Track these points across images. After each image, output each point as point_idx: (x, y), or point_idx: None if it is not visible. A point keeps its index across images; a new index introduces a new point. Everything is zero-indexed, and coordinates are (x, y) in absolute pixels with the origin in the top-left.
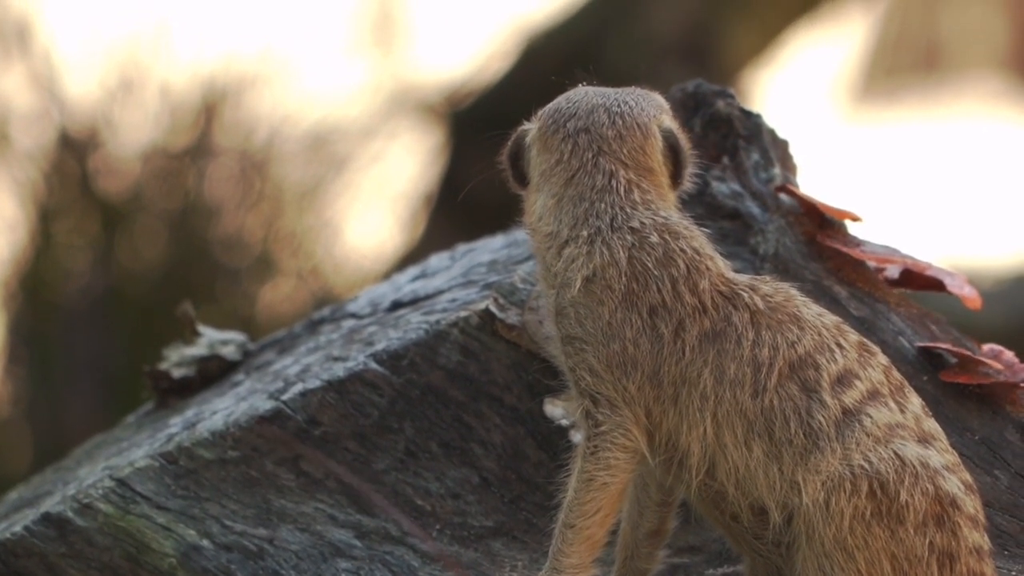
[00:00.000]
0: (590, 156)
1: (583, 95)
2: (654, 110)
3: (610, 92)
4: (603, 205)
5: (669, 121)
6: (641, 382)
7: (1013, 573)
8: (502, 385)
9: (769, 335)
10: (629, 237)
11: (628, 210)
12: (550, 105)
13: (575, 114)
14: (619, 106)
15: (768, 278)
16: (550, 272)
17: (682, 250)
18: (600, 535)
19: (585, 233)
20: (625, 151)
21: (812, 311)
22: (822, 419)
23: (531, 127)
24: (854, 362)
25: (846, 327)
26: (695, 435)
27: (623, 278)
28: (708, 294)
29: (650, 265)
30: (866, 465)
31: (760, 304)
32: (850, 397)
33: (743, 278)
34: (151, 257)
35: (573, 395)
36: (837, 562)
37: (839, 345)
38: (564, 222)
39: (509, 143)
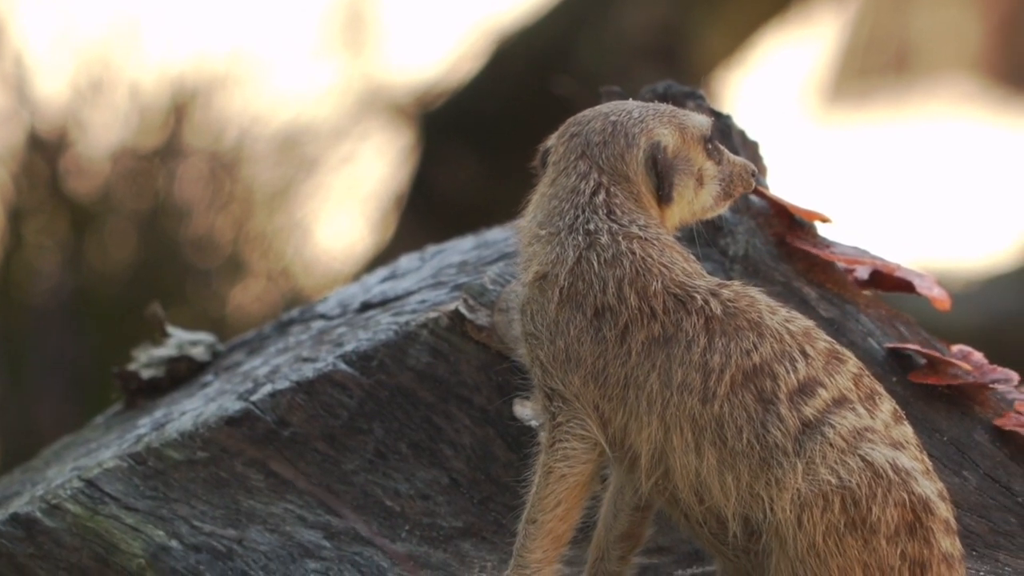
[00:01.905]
0: (573, 158)
1: (607, 105)
2: (656, 123)
3: (632, 104)
4: (567, 206)
5: (674, 139)
6: (585, 379)
7: (981, 574)
8: (471, 386)
9: (723, 342)
10: (582, 239)
11: (588, 213)
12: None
13: (583, 120)
14: (619, 115)
15: (736, 283)
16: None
17: (632, 252)
18: (562, 530)
19: (545, 232)
20: (604, 156)
21: (777, 318)
22: (778, 433)
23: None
24: (819, 370)
25: (817, 333)
26: (644, 436)
27: (570, 277)
28: (659, 297)
29: (596, 266)
30: (834, 480)
31: (718, 310)
32: (812, 407)
33: (707, 282)
34: (121, 258)
35: (535, 392)
36: (810, 567)
37: (803, 353)
38: (537, 219)
39: (540, 149)
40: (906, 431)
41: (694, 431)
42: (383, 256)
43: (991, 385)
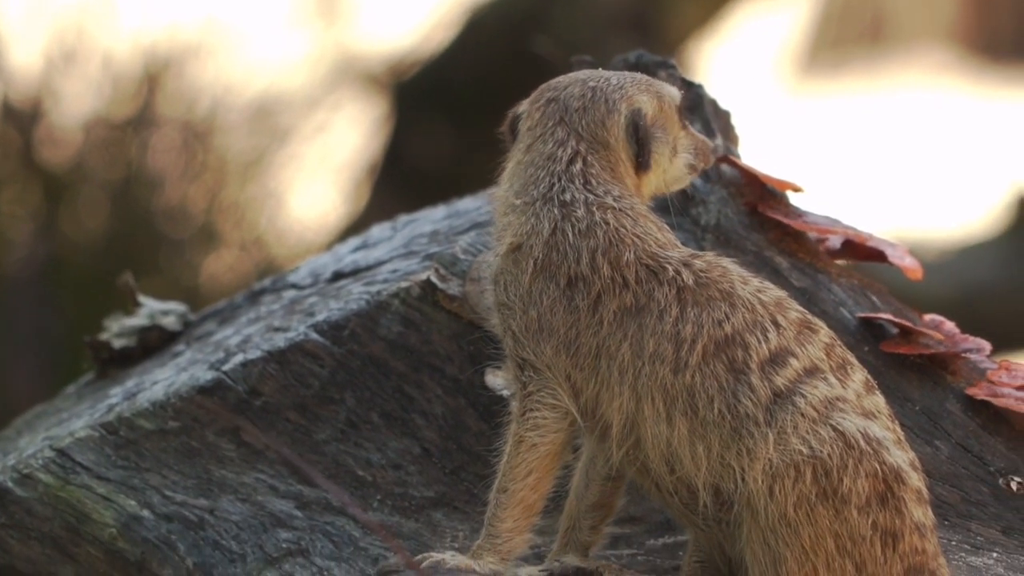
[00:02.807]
0: (551, 124)
1: (582, 72)
2: (635, 90)
3: (607, 72)
4: (543, 173)
5: (653, 106)
6: (557, 349)
7: (953, 543)
8: (443, 356)
9: (695, 312)
10: (556, 210)
11: (564, 182)
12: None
13: (559, 85)
14: (598, 81)
15: (709, 253)
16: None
17: (605, 222)
18: (534, 499)
19: (520, 202)
20: (584, 123)
21: (749, 288)
22: (749, 403)
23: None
24: (791, 340)
25: (789, 303)
26: (615, 406)
27: (544, 248)
28: (632, 268)
29: (570, 237)
30: (806, 450)
31: (690, 280)
32: (783, 377)
33: (680, 253)
34: (93, 227)
35: (506, 362)
36: (782, 536)
37: (775, 323)
38: (513, 188)
39: (509, 115)
40: (878, 401)
41: (665, 401)
42: (356, 226)
43: (963, 355)
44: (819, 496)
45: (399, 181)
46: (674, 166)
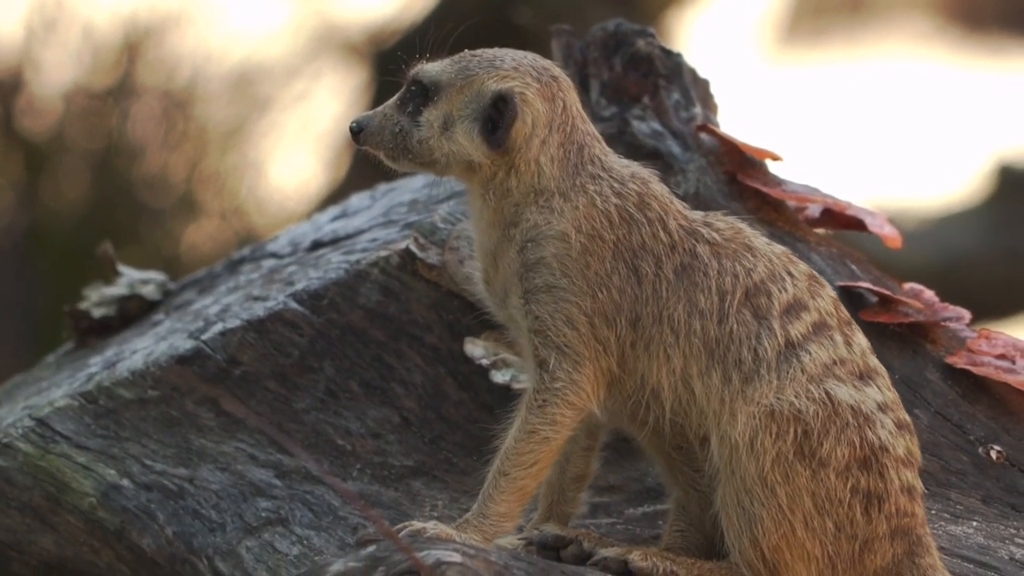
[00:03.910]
0: (576, 111)
1: (508, 52)
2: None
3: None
4: (583, 158)
5: None
6: (623, 328)
7: (933, 512)
8: (422, 325)
9: (730, 264)
10: (608, 189)
11: (602, 159)
12: (506, 60)
13: (550, 69)
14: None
15: (718, 213)
16: (519, 224)
17: (654, 194)
18: (532, 487)
19: (568, 184)
20: (581, 108)
21: (761, 241)
22: (768, 346)
23: (514, 84)
24: (804, 291)
25: (794, 257)
26: (665, 371)
27: (611, 227)
28: (676, 232)
29: (632, 211)
30: (796, 403)
31: (718, 237)
32: (796, 329)
33: (697, 214)
34: (74, 197)
35: (526, 348)
36: (757, 497)
37: (789, 273)
38: (551, 175)
39: (487, 106)
40: (878, 363)
41: (707, 354)
42: (336, 195)
43: (943, 323)
44: (797, 455)
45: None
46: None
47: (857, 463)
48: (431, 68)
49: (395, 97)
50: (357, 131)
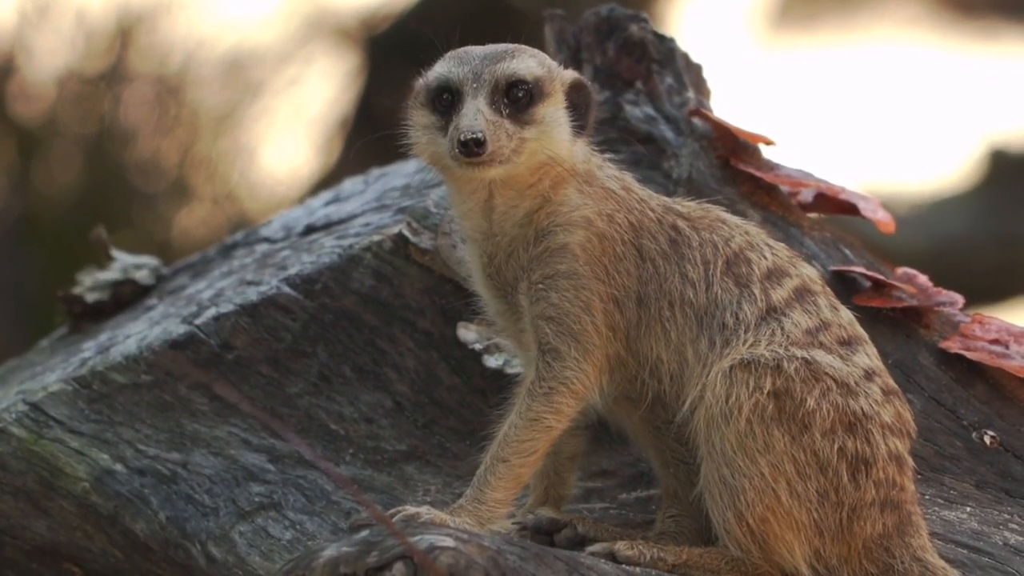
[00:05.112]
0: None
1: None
2: None
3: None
4: (588, 149)
5: None
6: (631, 310)
7: (927, 497)
8: (415, 309)
9: (708, 235)
10: (604, 173)
11: (597, 153)
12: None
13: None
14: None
15: (680, 199)
16: (541, 210)
17: (627, 178)
18: (528, 475)
19: (584, 169)
20: None
21: (735, 218)
22: (748, 310)
23: (557, 73)
24: (785, 260)
25: (771, 238)
26: (663, 344)
27: (620, 211)
28: (657, 209)
29: (624, 194)
30: (770, 356)
31: (690, 212)
32: (778, 294)
33: (659, 197)
34: (66, 182)
35: (530, 336)
36: (738, 468)
37: (767, 244)
38: (575, 160)
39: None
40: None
41: (697, 322)
42: (328, 180)
43: (936, 308)
44: (775, 417)
45: (371, 135)
46: None
47: (843, 426)
48: (522, 66)
49: (482, 103)
50: (477, 146)
